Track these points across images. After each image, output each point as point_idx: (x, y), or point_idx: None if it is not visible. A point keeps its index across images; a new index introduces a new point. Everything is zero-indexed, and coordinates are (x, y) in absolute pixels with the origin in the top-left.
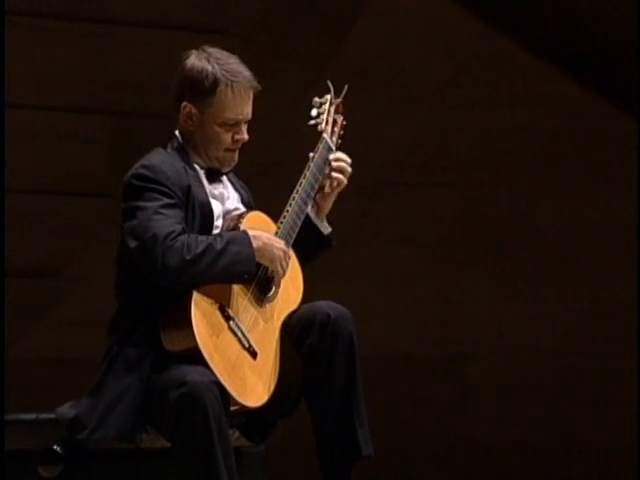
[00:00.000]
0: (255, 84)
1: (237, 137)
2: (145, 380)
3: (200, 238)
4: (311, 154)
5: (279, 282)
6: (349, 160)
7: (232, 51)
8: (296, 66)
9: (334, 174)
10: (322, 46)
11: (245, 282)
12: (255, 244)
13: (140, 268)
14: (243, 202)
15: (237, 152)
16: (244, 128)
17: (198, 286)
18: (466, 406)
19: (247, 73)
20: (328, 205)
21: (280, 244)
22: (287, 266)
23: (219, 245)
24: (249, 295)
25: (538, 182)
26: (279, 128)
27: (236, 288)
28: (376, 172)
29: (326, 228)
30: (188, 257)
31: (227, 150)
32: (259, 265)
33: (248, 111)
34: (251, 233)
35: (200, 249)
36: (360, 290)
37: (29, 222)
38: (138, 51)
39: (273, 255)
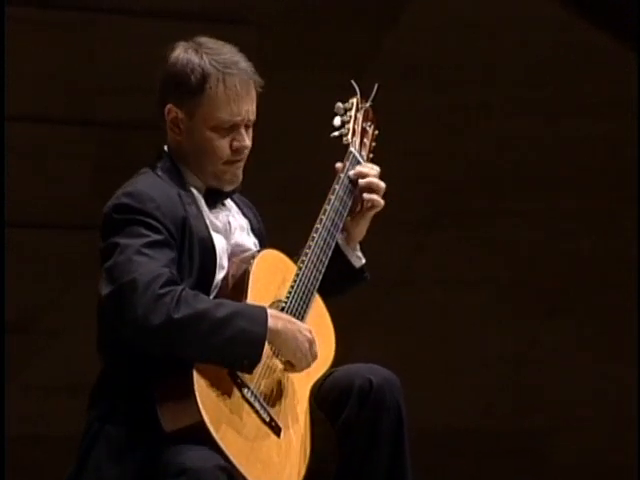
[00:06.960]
0: (256, 77)
1: (236, 144)
2: (138, 467)
3: (201, 297)
4: (338, 174)
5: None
6: (376, 170)
7: (251, 45)
8: (328, 63)
9: (365, 195)
10: (361, 39)
11: (244, 370)
12: (272, 324)
13: (110, 321)
14: (253, 230)
15: (241, 165)
16: (245, 133)
17: (179, 357)
18: None
19: (245, 64)
20: (361, 231)
21: (307, 332)
22: (314, 359)
23: (221, 313)
24: (264, 356)
25: None
26: (305, 140)
27: None
28: (432, 197)
29: (358, 259)
30: (176, 315)
31: (227, 163)
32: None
33: (248, 110)
34: (270, 312)
35: (195, 310)
36: (410, 347)
37: None
38: (132, 46)
39: (296, 345)
